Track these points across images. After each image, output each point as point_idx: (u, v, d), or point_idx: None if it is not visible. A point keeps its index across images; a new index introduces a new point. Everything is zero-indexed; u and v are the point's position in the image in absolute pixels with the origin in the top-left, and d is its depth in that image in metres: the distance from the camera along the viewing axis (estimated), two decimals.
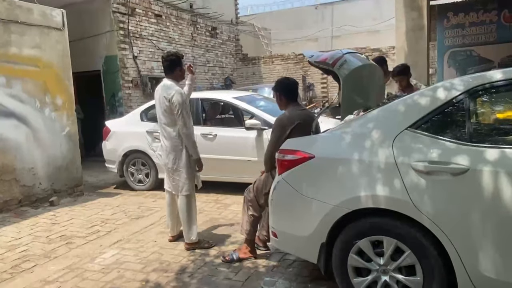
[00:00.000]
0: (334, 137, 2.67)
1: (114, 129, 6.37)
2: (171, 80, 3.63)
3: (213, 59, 12.38)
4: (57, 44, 5.78)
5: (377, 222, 2.32)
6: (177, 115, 3.50)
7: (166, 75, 3.66)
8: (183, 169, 3.60)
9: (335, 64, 3.05)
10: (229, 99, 6.05)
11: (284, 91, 3.29)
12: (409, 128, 2.29)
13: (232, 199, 5.30)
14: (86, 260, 3.54)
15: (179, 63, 3.64)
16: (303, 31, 19.28)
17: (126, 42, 8.90)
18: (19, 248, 3.87)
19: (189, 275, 3.15)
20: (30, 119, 5.40)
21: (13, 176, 5.19)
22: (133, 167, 6.18)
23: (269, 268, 3.22)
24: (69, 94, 5.99)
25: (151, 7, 9.75)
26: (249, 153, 5.31)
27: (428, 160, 2.17)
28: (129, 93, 9.00)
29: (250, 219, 3.32)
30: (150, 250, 3.69)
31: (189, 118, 3.57)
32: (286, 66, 13.53)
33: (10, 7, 5.19)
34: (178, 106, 3.48)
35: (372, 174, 2.30)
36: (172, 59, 3.63)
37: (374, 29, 17.61)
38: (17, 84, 5.25)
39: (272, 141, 3.16)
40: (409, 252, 2.23)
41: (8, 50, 5.14)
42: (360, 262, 2.40)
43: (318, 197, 2.49)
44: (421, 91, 2.50)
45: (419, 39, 6.39)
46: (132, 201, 5.54)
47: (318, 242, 2.48)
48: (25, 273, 3.35)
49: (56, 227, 4.47)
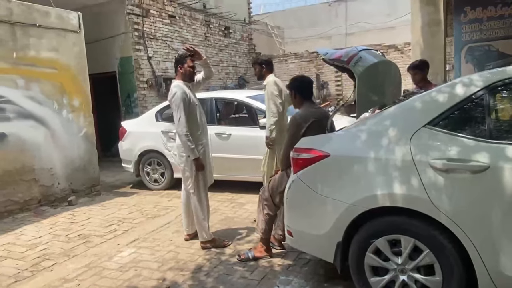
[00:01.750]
0: (349, 135, 2.65)
1: (130, 129, 6.45)
2: (176, 80, 3.67)
3: (227, 59, 12.40)
4: (73, 47, 5.88)
5: (394, 221, 2.29)
6: (174, 113, 3.52)
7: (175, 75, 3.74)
8: (187, 168, 3.61)
9: (350, 61, 3.03)
10: (243, 98, 6.06)
11: (299, 90, 3.27)
12: (427, 126, 2.25)
13: (247, 198, 5.31)
14: (104, 258, 3.59)
15: (179, 61, 3.66)
16: (316, 28, 19.15)
17: (140, 43, 8.99)
18: (39, 247, 3.96)
19: (205, 274, 3.17)
20: (48, 120, 5.51)
21: (32, 176, 5.31)
22: (148, 167, 6.25)
23: (285, 267, 3.21)
24: (86, 96, 6.08)
25: (165, 8, 9.82)
26: (264, 152, 5.29)
27: (446, 158, 2.13)
28: (144, 94, 9.09)
29: (266, 218, 3.32)
30: (166, 249, 3.73)
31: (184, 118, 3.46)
32: (299, 65, 13.48)
33: (29, 11, 5.30)
34: (172, 104, 3.51)
35: (389, 172, 2.27)
36: (176, 59, 3.73)
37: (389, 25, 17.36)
38: (36, 86, 5.37)
39: (287, 139, 3.15)
40: (427, 251, 2.19)
41: (26, 53, 5.26)
42: (377, 261, 2.37)
43: (333, 196, 2.47)
44: (438, 88, 2.46)
45: (436, 35, 6.28)
46: (148, 200, 5.60)
47: (334, 241, 2.46)
48: (45, 271, 3.42)
49: (74, 226, 4.55)
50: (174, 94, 3.51)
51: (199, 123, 3.66)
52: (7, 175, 5.02)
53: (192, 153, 3.51)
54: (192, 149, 3.50)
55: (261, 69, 4.20)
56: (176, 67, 3.68)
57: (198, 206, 3.68)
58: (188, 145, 3.48)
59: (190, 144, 3.49)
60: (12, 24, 5.09)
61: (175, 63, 3.70)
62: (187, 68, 3.64)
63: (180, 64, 3.65)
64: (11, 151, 5.06)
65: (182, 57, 3.66)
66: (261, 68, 4.20)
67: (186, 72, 3.65)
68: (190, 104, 3.56)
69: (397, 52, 12.06)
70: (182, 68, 3.65)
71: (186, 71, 3.65)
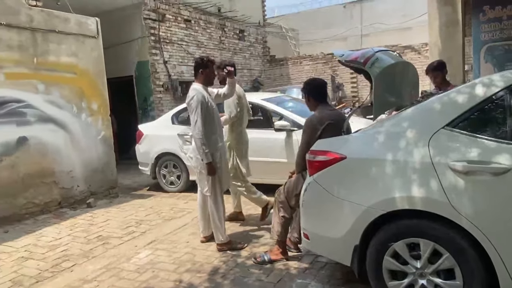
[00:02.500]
0: (366, 137, 2.63)
1: (147, 132, 6.54)
2: (196, 83, 3.70)
3: (241, 62, 12.46)
4: (92, 52, 6.00)
5: (413, 224, 2.26)
6: (191, 116, 3.55)
7: (194, 78, 3.76)
8: (204, 171, 3.63)
9: (367, 63, 3.00)
10: (258, 101, 6.07)
11: (313, 93, 3.26)
12: (446, 127, 2.22)
13: None
14: (122, 260, 3.64)
15: (201, 66, 3.68)
16: (331, 30, 19.05)
17: (157, 47, 9.12)
18: (59, 248, 4.04)
19: (221, 276, 3.18)
20: (67, 124, 5.64)
21: (53, 179, 5.43)
22: (165, 169, 6.31)
23: (301, 270, 3.19)
24: (104, 99, 6.20)
25: (181, 13, 9.93)
26: (279, 154, 5.30)
27: (466, 160, 2.09)
28: (160, 97, 9.21)
29: (281, 220, 3.31)
30: (183, 251, 3.76)
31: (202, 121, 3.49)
32: (314, 67, 13.42)
33: (49, 17, 5.44)
34: (191, 107, 3.53)
35: (407, 174, 2.24)
36: (197, 62, 3.74)
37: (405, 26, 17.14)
38: (56, 90, 5.50)
39: (303, 142, 3.14)
40: (447, 255, 2.15)
41: (47, 59, 5.39)
42: (395, 265, 2.34)
43: (350, 199, 2.45)
44: (458, 88, 2.42)
45: (454, 35, 6.17)
46: (165, 202, 5.66)
47: (351, 244, 2.44)
48: (65, 272, 3.48)
49: (93, 228, 4.63)
50: (192, 97, 3.54)
51: (216, 127, 3.69)
52: (28, 178, 5.14)
53: (206, 157, 3.53)
54: (206, 153, 3.52)
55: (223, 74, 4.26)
56: (198, 70, 3.69)
57: (215, 209, 3.69)
58: (202, 148, 3.51)
59: (204, 148, 3.51)
60: (33, 30, 5.23)
61: (198, 66, 3.70)
62: (210, 74, 3.71)
63: (203, 68, 3.68)
64: (32, 154, 5.19)
65: (205, 61, 3.69)
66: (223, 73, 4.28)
67: (209, 77, 3.71)
68: (208, 108, 3.59)
69: (414, 53, 11.90)
70: (204, 73, 3.68)
71: (209, 76, 3.71)
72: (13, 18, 5.01)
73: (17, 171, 5.02)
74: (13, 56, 5.01)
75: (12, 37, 4.99)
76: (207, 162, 3.54)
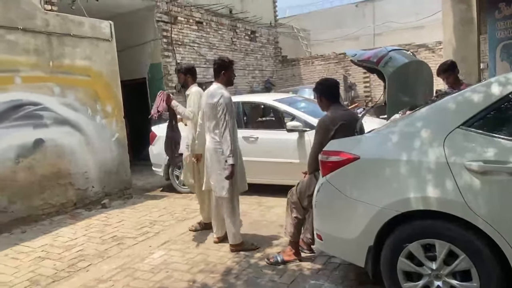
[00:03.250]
0: (380, 137, 2.61)
1: (160, 134, 6.58)
2: (217, 83, 3.72)
3: (253, 63, 12.48)
4: (106, 55, 6.09)
5: (428, 225, 2.23)
6: (219, 118, 3.55)
7: (214, 79, 3.78)
8: (221, 172, 3.64)
9: (380, 62, 2.98)
10: (269, 101, 6.07)
11: (325, 93, 3.25)
12: (461, 126, 2.19)
13: (275, 201, 5.30)
14: (137, 260, 3.68)
15: (224, 67, 3.70)
16: (343, 30, 18.94)
17: (169, 49, 9.19)
18: (75, 248, 4.10)
19: (234, 277, 3.19)
20: (83, 126, 5.73)
21: (68, 180, 5.52)
22: (178, 170, 6.36)
23: (314, 271, 3.18)
24: (118, 102, 6.28)
25: (192, 15, 10.00)
26: (291, 155, 5.29)
27: (483, 160, 2.06)
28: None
29: (294, 221, 3.30)
30: (196, 252, 3.78)
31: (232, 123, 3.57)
32: (326, 67, 13.35)
33: (64, 21, 5.53)
34: (221, 108, 3.53)
35: (422, 175, 2.21)
36: (218, 63, 3.74)
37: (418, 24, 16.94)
38: (71, 93, 5.59)
39: (315, 143, 3.13)
40: (463, 256, 2.12)
41: (62, 62, 5.49)
42: (410, 266, 2.31)
43: (364, 199, 2.43)
44: (473, 87, 2.38)
45: (468, 33, 6.07)
46: (178, 203, 5.70)
47: (365, 245, 2.42)
48: (81, 271, 3.54)
49: (108, 228, 4.69)
50: (219, 98, 3.54)
51: (235, 129, 3.71)
52: (45, 179, 5.24)
53: (233, 159, 3.51)
54: (234, 155, 3.52)
55: (185, 77, 4.33)
56: (220, 71, 3.70)
57: (231, 210, 3.71)
58: (231, 150, 3.50)
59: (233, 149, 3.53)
60: (49, 34, 5.33)
61: (220, 67, 3.70)
62: (231, 74, 3.74)
63: (225, 69, 3.70)
64: (48, 156, 5.29)
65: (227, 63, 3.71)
66: (184, 76, 4.33)
67: (229, 79, 3.74)
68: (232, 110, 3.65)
69: (428, 52, 11.73)
70: (226, 74, 3.70)
71: (230, 77, 3.74)
72: (30, 23, 5.12)
73: (34, 173, 5.12)
74: (29, 60, 5.11)
75: (28, 41, 5.10)
76: (232, 164, 3.53)
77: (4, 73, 4.86)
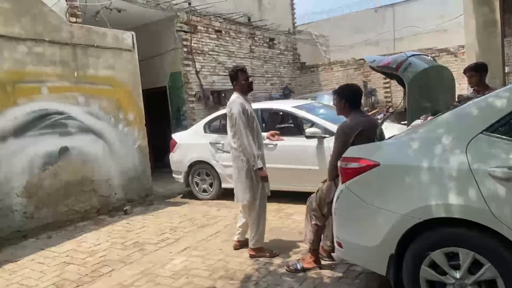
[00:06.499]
0: (400, 144, 2.57)
1: (180, 141, 6.69)
2: (236, 92, 3.78)
3: (272, 70, 12.52)
4: (128, 64, 6.24)
5: (451, 233, 2.19)
6: (234, 125, 3.61)
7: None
8: (243, 180, 3.67)
9: (399, 68, 2.96)
10: (288, 108, 6.08)
11: (349, 98, 3.21)
12: (484, 132, 2.14)
13: (294, 208, 5.28)
14: (158, 266, 3.73)
15: (233, 78, 3.78)
16: (362, 35, 18.81)
17: (189, 58, 9.33)
18: (98, 254, 4.19)
19: (254, 284, 3.19)
20: (106, 134, 5.88)
21: (92, 187, 5.66)
22: (198, 177, 6.43)
23: (335, 279, 3.15)
24: (140, 110, 6.41)
25: (212, 24, 10.14)
26: (310, 161, 5.27)
27: (507, 166, 2.00)
28: (193, 107, 9.40)
29: (314, 228, 3.28)
30: (216, 258, 3.80)
31: (246, 130, 3.59)
32: (346, 73, 13.27)
33: (88, 33, 5.72)
34: (234, 117, 3.60)
35: (444, 182, 2.17)
36: (230, 74, 3.83)
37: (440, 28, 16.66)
38: (94, 102, 5.76)
39: (335, 149, 3.11)
40: (488, 265, 2.06)
41: (86, 72, 5.66)
42: (433, 275, 2.26)
43: (384, 206, 2.40)
44: (496, 92, 2.33)
45: (492, 36, 5.93)
46: (198, 210, 5.75)
47: (386, 253, 2.39)
48: (104, 277, 3.61)
49: (130, 234, 4.78)
50: (231, 108, 3.62)
51: (256, 135, 3.74)
52: (70, 186, 5.39)
53: (257, 163, 3.58)
54: (257, 160, 3.58)
55: None
56: (232, 82, 3.80)
57: (257, 214, 3.75)
58: (253, 155, 3.56)
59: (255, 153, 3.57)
60: (74, 46, 5.51)
61: (231, 78, 3.80)
62: (243, 82, 3.76)
63: (235, 79, 3.77)
64: (73, 164, 5.45)
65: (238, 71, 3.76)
66: None
67: (244, 86, 3.77)
68: (248, 116, 3.67)
69: (450, 56, 11.51)
70: (238, 83, 3.76)
71: (242, 85, 3.77)
72: (56, 35, 5.31)
73: (59, 180, 5.28)
74: (55, 71, 5.30)
75: (54, 53, 5.29)
76: (259, 168, 3.59)
77: (32, 83, 5.05)
